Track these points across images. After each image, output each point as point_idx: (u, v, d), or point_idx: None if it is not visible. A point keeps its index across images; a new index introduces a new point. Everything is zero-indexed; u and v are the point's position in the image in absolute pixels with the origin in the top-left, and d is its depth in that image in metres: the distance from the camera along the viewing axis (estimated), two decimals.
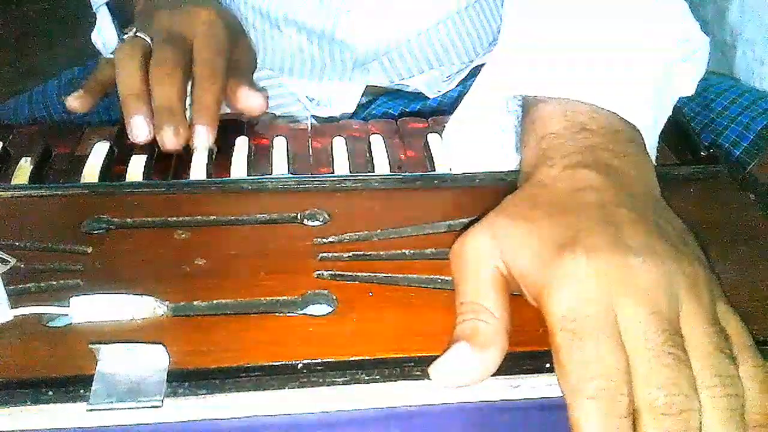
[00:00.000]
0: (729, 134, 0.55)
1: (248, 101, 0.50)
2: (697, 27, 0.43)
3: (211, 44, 0.50)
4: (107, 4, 0.59)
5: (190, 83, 0.49)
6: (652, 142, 0.40)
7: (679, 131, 0.49)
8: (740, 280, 0.32)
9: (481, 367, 0.30)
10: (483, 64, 0.45)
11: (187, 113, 0.48)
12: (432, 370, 0.30)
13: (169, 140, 0.45)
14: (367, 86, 0.67)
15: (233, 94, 0.50)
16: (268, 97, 0.51)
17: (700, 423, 0.28)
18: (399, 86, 0.68)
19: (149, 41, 0.49)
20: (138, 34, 0.50)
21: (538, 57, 0.41)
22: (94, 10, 0.61)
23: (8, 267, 0.36)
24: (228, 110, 0.58)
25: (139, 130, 0.46)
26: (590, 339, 0.28)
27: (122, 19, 0.60)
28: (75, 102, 0.51)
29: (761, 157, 0.52)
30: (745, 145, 0.54)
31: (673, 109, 0.44)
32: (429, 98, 0.66)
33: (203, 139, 0.46)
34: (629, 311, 0.29)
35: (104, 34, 0.60)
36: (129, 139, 0.47)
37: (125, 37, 0.50)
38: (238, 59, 0.54)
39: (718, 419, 0.28)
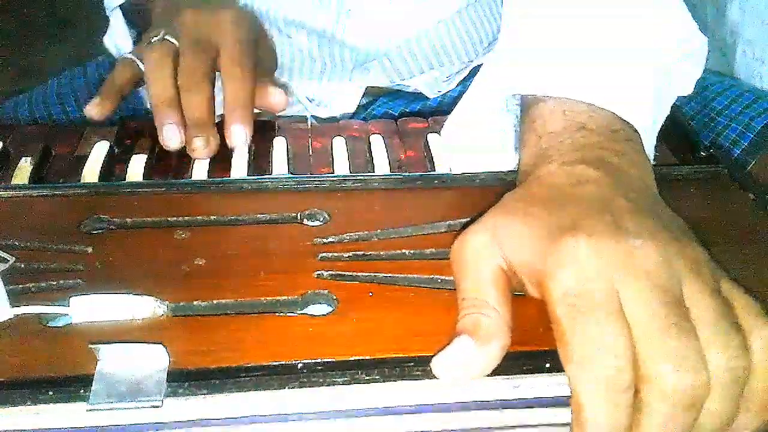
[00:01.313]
0: (729, 133, 0.55)
1: (271, 98, 0.51)
2: (696, 27, 0.43)
3: (239, 44, 0.50)
4: (121, 6, 0.59)
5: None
6: (650, 143, 0.40)
7: (679, 131, 0.49)
8: (740, 280, 0.32)
9: (483, 361, 0.30)
10: (483, 64, 0.45)
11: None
12: (434, 363, 0.30)
13: (199, 152, 0.47)
14: (367, 86, 0.67)
15: (257, 92, 0.50)
16: (288, 94, 0.52)
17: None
18: (399, 86, 0.68)
19: (176, 44, 0.49)
20: (166, 37, 0.49)
21: (537, 56, 0.41)
22: (108, 14, 0.60)
23: (7, 265, 0.36)
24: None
25: (171, 139, 0.47)
26: (593, 315, 0.28)
27: (135, 23, 0.60)
28: (94, 110, 0.51)
29: (761, 157, 0.52)
30: (744, 144, 0.54)
31: (673, 108, 0.43)
32: (429, 98, 0.66)
33: (239, 138, 0.47)
34: (631, 288, 0.29)
35: (117, 38, 0.60)
36: (128, 139, 0.48)
37: (154, 40, 0.49)
38: (261, 58, 0.54)
39: (720, 391, 0.28)
